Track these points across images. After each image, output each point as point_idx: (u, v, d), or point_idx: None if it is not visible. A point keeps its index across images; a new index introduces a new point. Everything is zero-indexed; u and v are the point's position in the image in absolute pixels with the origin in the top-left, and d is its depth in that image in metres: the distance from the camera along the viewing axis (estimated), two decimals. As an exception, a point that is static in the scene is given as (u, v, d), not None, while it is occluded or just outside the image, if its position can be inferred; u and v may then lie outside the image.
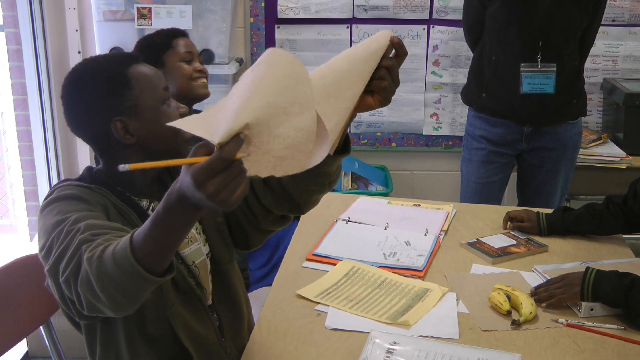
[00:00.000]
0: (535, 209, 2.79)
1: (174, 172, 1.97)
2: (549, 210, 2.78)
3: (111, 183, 1.82)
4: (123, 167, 1.29)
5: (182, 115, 1.71)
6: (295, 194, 1.91)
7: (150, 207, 1.86)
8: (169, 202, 1.34)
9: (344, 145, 1.72)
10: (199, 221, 1.97)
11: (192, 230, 1.92)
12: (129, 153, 1.80)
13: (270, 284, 2.35)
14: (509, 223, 2.77)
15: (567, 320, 2.11)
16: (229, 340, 1.99)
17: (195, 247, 1.92)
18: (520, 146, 3.50)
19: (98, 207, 1.71)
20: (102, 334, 1.83)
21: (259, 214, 1.97)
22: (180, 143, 1.81)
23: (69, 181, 1.79)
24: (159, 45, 2.92)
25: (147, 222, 1.40)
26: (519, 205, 3.69)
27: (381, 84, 1.55)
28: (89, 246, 1.50)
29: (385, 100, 1.57)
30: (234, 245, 2.05)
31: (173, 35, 2.97)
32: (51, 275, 1.58)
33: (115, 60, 1.81)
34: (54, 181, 4.03)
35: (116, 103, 1.76)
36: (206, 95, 3.04)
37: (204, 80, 3.01)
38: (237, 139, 1.25)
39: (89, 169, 1.86)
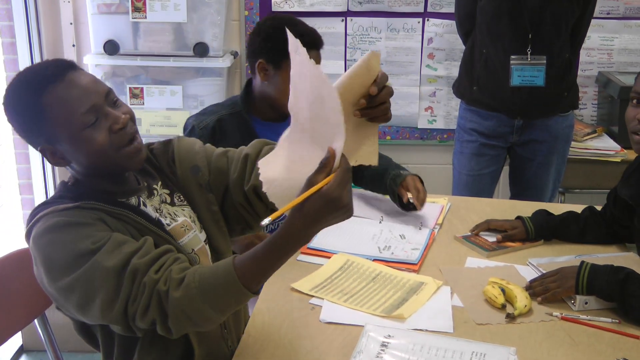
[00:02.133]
0: (523, 201, 2.78)
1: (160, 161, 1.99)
2: (539, 204, 2.75)
3: (92, 191, 1.79)
4: (266, 222, 1.42)
5: (114, 132, 1.72)
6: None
7: (141, 203, 1.85)
8: (284, 235, 1.51)
9: None
10: (193, 209, 1.97)
11: (186, 218, 1.92)
12: (74, 166, 1.78)
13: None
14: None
15: (562, 314, 2.11)
16: (230, 332, 1.99)
17: (192, 235, 1.91)
18: (511, 139, 3.51)
19: (96, 223, 1.69)
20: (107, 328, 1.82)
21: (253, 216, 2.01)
22: (116, 155, 1.74)
23: (50, 207, 1.72)
24: None
25: (256, 253, 1.54)
26: (511, 198, 3.70)
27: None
28: (165, 283, 1.59)
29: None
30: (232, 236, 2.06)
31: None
32: (118, 321, 1.63)
33: (35, 82, 1.70)
34: (49, 174, 4.02)
35: (36, 133, 1.73)
36: None
37: None
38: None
39: (63, 184, 1.83)
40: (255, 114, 2.80)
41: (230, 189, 1.96)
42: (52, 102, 1.67)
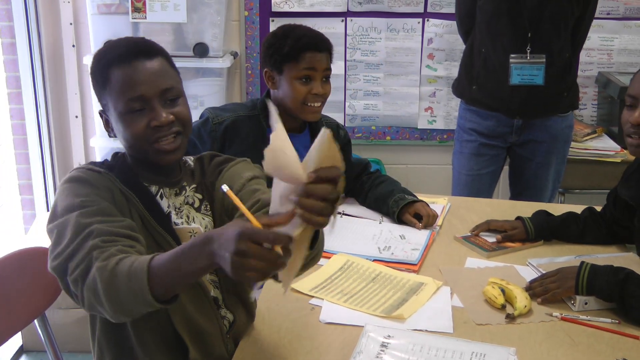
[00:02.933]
0: (523, 202, 2.78)
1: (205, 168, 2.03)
2: (538, 204, 2.76)
3: (125, 167, 1.89)
4: (225, 187, 1.48)
5: (150, 127, 1.80)
6: None
7: (159, 193, 1.89)
8: (197, 239, 1.46)
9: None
10: (213, 218, 1.97)
11: (200, 227, 1.92)
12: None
13: (261, 287, 2.32)
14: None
15: (562, 314, 2.11)
16: (232, 337, 1.98)
17: None
18: (510, 139, 3.51)
19: (103, 190, 1.77)
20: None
21: None
22: (148, 147, 1.83)
23: (88, 165, 1.86)
24: None
25: (171, 252, 1.51)
26: (511, 198, 3.70)
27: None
28: (101, 252, 1.60)
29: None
30: None
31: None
32: (57, 272, 1.66)
33: (108, 57, 1.86)
34: (49, 175, 4.03)
35: (99, 97, 1.88)
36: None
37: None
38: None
39: (114, 154, 1.96)
40: None
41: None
42: (113, 79, 1.81)
